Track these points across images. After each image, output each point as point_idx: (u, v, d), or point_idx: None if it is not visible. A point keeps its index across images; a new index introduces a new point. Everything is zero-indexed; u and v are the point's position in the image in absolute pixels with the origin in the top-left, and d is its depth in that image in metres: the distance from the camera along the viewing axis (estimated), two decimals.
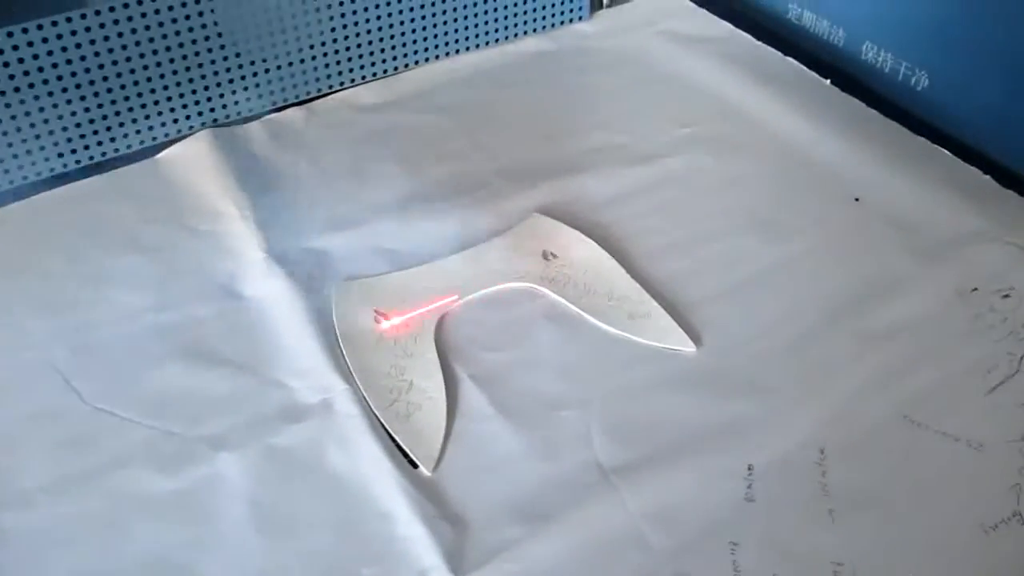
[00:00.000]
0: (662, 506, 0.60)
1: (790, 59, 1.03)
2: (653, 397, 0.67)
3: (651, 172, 0.88)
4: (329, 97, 0.99)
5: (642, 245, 0.80)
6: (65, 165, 0.90)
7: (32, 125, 0.86)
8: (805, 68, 1.02)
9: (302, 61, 0.97)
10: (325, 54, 0.98)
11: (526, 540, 0.58)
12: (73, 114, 0.87)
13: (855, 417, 0.65)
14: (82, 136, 0.89)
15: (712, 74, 1.01)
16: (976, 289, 0.75)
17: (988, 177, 0.85)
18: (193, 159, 0.90)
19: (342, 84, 1.01)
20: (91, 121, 0.89)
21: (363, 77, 1.02)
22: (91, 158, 0.91)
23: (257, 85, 0.96)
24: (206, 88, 0.93)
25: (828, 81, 1.00)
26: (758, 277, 0.77)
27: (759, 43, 1.07)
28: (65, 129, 0.88)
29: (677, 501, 0.60)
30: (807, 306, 0.74)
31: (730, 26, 1.10)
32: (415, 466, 0.62)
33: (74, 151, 0.89)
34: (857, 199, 0.85)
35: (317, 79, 0.99)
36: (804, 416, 0.66)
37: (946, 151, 0.89)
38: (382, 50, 1.01)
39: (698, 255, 0.79)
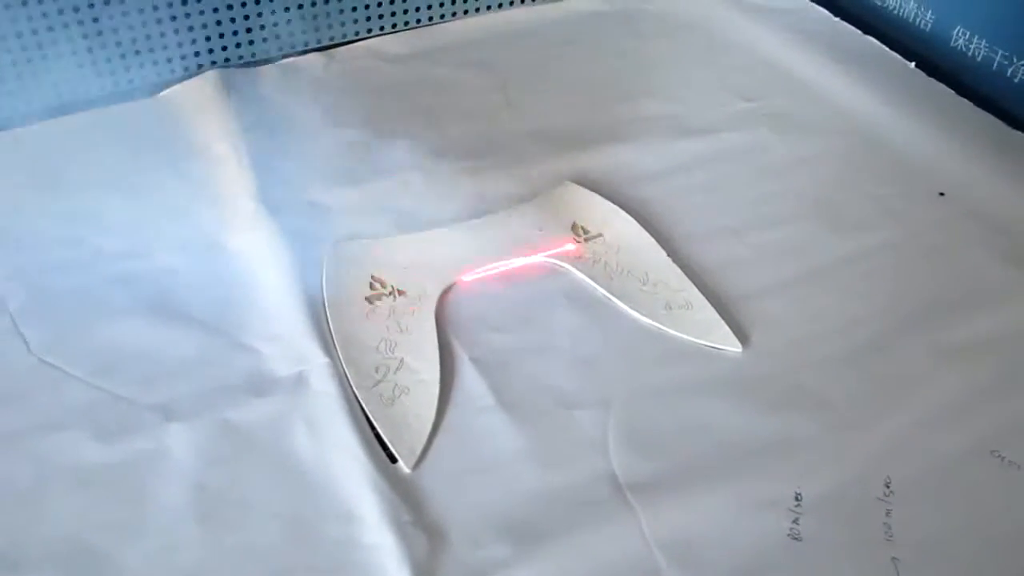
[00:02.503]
0: (686, 536, 0.50)
1: (870, 38, 0.92)
2: (686, 402, 0.57)
3: (705, 146, 0.78)
4: (354, 45, 0.90)
5: (688, 226, 0.70)
6: (60, 96, 0.82)
7: (25, 49, 0.78)
8: (887, 48, 0.90)
9: (326, 2, 0.88)
10: None
11: (514, 562, 0.48)
12: (70, 40, 0.79)
13: (930, 446, 0.55)
14: (79, 67, 0.81)
15: (782, 47, 0.91)
16: None
17: None
18: (196, 99, 0.82)
19: (369, 31, 0.92)
20: (89, 51, 0.81)
21: (393, 26, 0.93)
22: (89, 90, 0.82)
23: (275, 25, 0.87)
24: (218, 23, 0.85)
25: (913, 64, 0.88)
26: (821, 272, 0.66)
27: (837, 19, 0.96)
28: (60, 57, 0.80)
29: (705, 531, 0.50)
30: (878, 310, 0.64)
31: None
32: (394, 460, 0.53)
33: (68, 81, 0.81)
34: (942, 194, 0.74)
35: (343, 23, 0.91)
36: (868, 440, 0.55)
37: None
38: None
39: (752, 242, 0.69)
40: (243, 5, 0.85)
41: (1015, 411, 0.57)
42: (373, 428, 0.54)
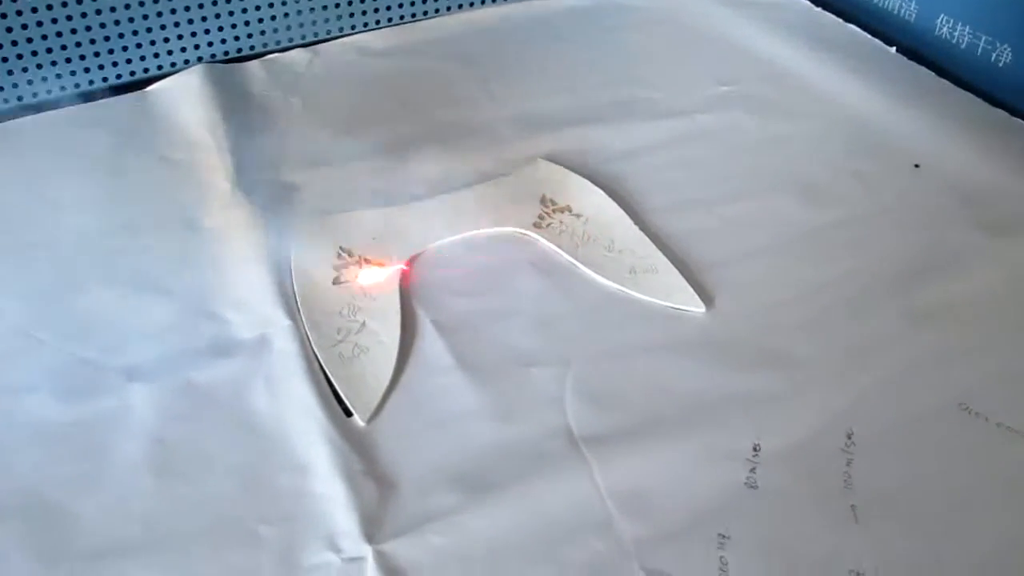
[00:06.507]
0: (639, 485, 0.49)
1: (851, 25, 0.92)
2: (646, 360, 0.56)
3: (679, 126, 0.78)
4: (337, 40, 0.91)
5: (658, 199, 0.70)
6: (49, 92, 0.83)
7: (14, 43, 0.80)
8: (868, 35, 0.91)
9: None
10: None
11: (462, 509, 0.47)
12: (59, 35, 0.81)
13: (896, 399, 0.54)
14: (67, 60, 0.83)
15: (761, 36, 0.91)
16: None
17: None
18: (182, 93, 0.83)
19: (353, 28, 0.93)
20: (78, 44, 0.83)
21: (376, 22, 0.94)
22: (76, 85, 0.84)
23: (260, 20, 0.89)
24: (204, 19, 0.87)
25: (894, 49, 0.88)
26: (793, 241, 0.66)
27: (817, 8, 0.96)
28: (49, 51, 0.82)
29: (658, 482, 0.49)
30: (850, 275, 0.63)
31: None
32: (349, 415, 0.53)
33: (59, 76, 0.83)
34: (917, 165, 0.73)
35: (327, 20, 0.92)
36: (832, 394, 0.55)
37: None
38: None
39: (723, 213, 0.69)
40: (228, 2, 0.87)
41: (986, 369, 0.56)
42: (331, 385, 0.54)
